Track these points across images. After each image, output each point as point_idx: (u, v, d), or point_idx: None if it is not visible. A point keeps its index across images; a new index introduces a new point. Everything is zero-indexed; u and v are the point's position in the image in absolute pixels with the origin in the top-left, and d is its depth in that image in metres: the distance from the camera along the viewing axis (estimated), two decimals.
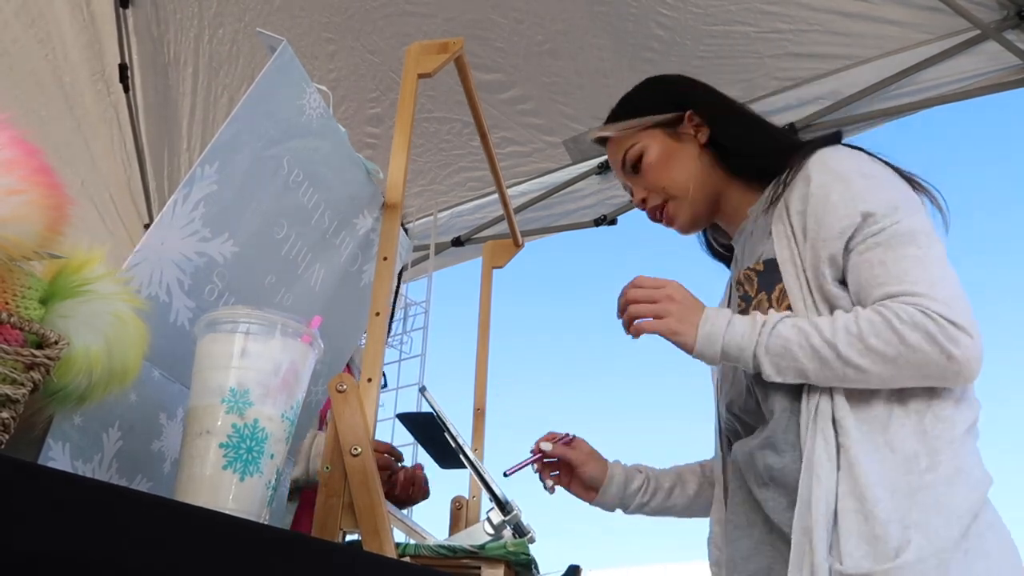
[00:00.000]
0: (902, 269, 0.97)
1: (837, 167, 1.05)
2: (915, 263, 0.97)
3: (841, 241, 1.01)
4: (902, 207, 1.01)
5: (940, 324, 0.93)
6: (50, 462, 0.71)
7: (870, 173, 1.05)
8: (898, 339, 0.93)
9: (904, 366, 0.94)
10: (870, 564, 0.89)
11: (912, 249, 0.98)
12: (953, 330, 0.92)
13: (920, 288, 0.95)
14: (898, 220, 0.99)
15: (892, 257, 0.98)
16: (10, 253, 0.59)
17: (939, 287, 0.95)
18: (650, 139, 1.23)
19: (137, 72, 2.74)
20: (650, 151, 1.23)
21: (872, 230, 1.00)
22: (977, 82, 2.08)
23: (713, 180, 1.21)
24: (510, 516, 1.04)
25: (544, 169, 2.75)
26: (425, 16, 2.35)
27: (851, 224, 1.01)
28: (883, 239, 0.99)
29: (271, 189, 0.97)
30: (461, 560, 0.92)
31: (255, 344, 0.75)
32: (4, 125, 0.62)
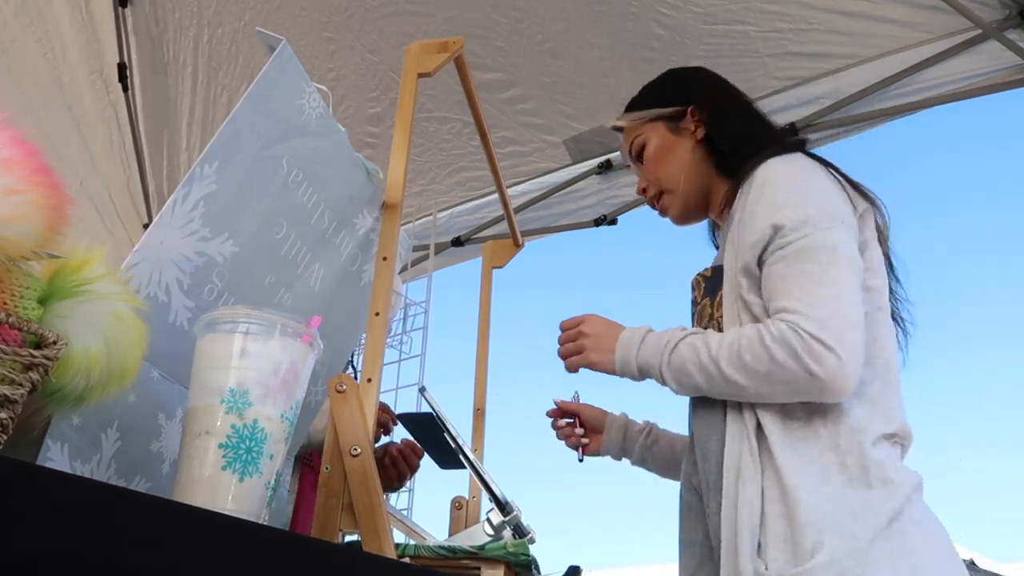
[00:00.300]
0: (796, 285, 0.99)
1: (771, 177, 1.08)
2: (809, 279, 0.99)
3: (754, 252, 1.05)
4: (814, 221, 1.02)
5: (805, 341, 0.95)
6: (49, 463, 0.71)
7: (798, 185, 1.06)
8: (768, 356, 0.97)
9: (775, 382, 0.98)
10: (789, 567, 0.91)
11: (809, 265, 1.00)
12: (819, 348, 0.95)
13: (802, 306, 0.98)
14: (805, 234, 1.01)
15: (790, 272, 1.01)
16: (9, 253, 0.59)
17: (818, 306, 0.97)
18: (653, 131, 1.27)
19: (136, 72, 2.74)
20: (651, 143, 1.27)
21: (779, 243, 1.02)
22: (977, 82, 2.08)
23: (704, 176, 1.24)
24: (510, 516, 1.04)
25: (544, 169, 2.74)
26: (425, 16, 2.35)
27: (763, 237, 1.04)
28: (787, 253, 1.02)
29: (271, 189, 0.97)
30: (461, 560, 0.92)
31: (255, 344, 0.75)
32: (3, 125, 0.62)
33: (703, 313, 1.14)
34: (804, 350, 0.95)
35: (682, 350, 1.04)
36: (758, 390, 0.99)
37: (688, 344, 1.05)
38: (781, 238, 1.02)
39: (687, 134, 1.25)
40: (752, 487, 0.97)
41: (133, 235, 2.92)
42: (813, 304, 0.97)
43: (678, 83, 1.32)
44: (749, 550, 0.94)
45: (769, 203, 1.05)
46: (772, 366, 0.97)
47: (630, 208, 2.75)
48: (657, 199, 1.28)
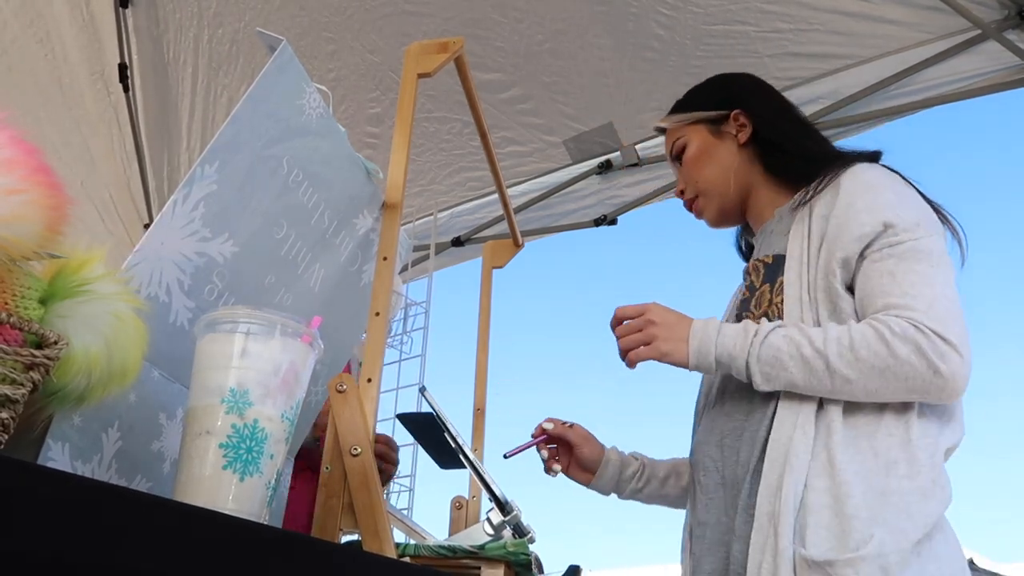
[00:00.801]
0: (908, 283, 0.99)
1: (869, 179, 1.08)
2: (922, 279, 0.99)
3: (859, 245, 1.04)
4: (924, 225, 1.04)
5: (931, 339, 0.95)
6: (49, 462, 0.71)
7: (900, 191, 1.08)
8: (888, 351, 0.96)
9: (891, 378, 0.97)
10: (834, 553, 0.92)
11: (923, 266, 1.00)
12: (943, 346, 0.95)
13: (919, 304, 0.97)
14: (917, 237, 1.02)
15: (902, 270, 1.00)
16: (9, 253, 0.59)
17: (938, 305, 0.97)
18: (694, 134, 1.29)
19: (137, 72, 2.74)
20: (691, 145, 1.28)
21: (890, 240, 1.02)
22: (977, 82, 2.08)
23: (746, 178, 1.25)
24: (510, 516, 1.04)
25: (544, 169, 2.74)
26: (425, 16, 2.35)
27: (872, 231, 1.03)
28: (898, 252, 1.01)
29: (271, 189, 0.97)
30: (461, 560, 0.92)
31: (255, 344, 0.75)
32: (3, 124, 0.62)
33: (761, 299, 1.13)
34: (930, 347, 0.95)
35: (775, 342, 1.01)
36: (867, 386, 0.98)
37: (783, 336, 1.01)
38: (892, 236, 1.02)
39: (729, 138, 1.27)
40: (799, 475, 0.97)
41: (133, 235, 2.93)
42: (933, 303, 0.97)
43: (723, 87, 1.34)
44: (790, 532, 0.94)
45: (876, 201, 1.05)
46: (891, 360, 0.95)
47: (630, 208, 2.75)
48: (693, 201, 1.30)
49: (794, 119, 1.29)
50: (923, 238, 1.02)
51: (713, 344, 1.05)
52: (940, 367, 0.94)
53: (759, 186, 1.24)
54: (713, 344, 1.05)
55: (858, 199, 1.06)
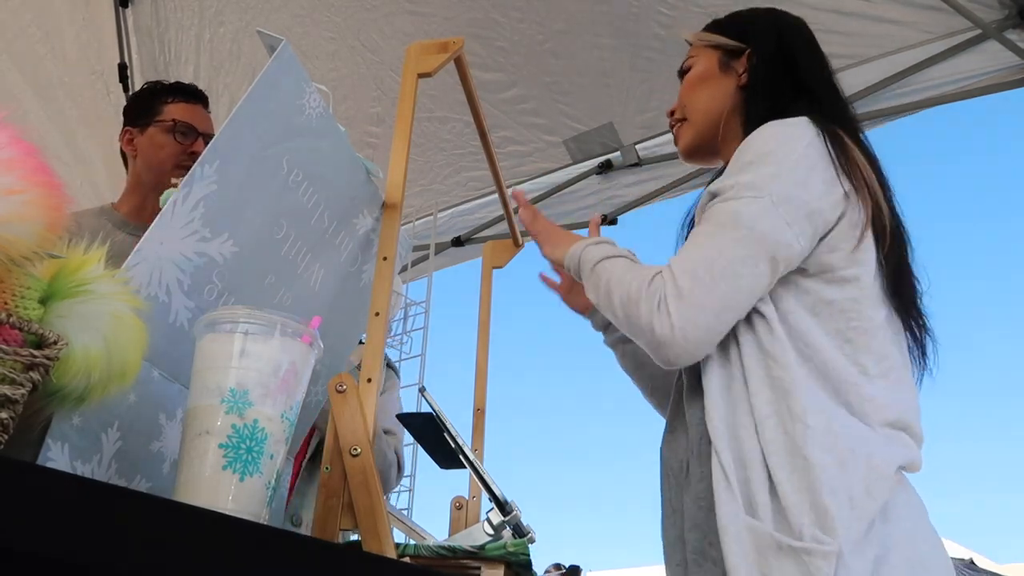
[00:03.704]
0: (690, 242, 1.01)
1: (747, 142, 1.05)
2: (697, 239, 1.00)
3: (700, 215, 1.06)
4: (740, 186, 1.00)
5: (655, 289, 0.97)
6: (49, 462, 0.71)
7: (759, 150, 1.02)
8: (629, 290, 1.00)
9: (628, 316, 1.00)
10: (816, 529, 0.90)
11: (709, 226, 1.00)
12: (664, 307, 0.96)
13: (675, 259, 0.99)
14: (727, 198, 1.00)
15: (695, 232, 1.02)
16: (9, 253, 0.59)
17: (686, 259, 0.98)
18: (704, 57, 1.24)
19: (137, 71, 2.74)
20: (696, 67, 1.24)
21: (707, 205, 1.03)
22: (977, 82, 2.08)
23: (728, 121, 1.19)
24: (510, 516, 1.04)
25: (544, 169, 2.75)
26: (425, 16, 2.35)
27: (702, 205, 1.05)
28: (705, 216, 1.02)
29: (271, 189, 0.97)
30: (461, 560, 0.92)
31: (255, 344, 0.75)
32: (3, 124, 0.62)
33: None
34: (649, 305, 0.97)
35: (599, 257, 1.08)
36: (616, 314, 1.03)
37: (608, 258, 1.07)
38: (711, 203, 1.02)
39: (733, 75, 1.20)
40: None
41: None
42: (682, 258, 0.98)
43: (758, 22, 1.25)
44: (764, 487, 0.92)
45: (732, 166, 1.04)
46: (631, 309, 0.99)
47: (630, 208, 2.75)
48: (679, 124, 1.25)
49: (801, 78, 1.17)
50: (731, 199, 0.99)
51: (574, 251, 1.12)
52: (653, 326, 0.96)
53: (736, 135, 1.16)
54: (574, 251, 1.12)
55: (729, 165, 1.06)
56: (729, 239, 0.97)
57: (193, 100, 1.68)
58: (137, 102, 1.74)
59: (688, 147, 1.23)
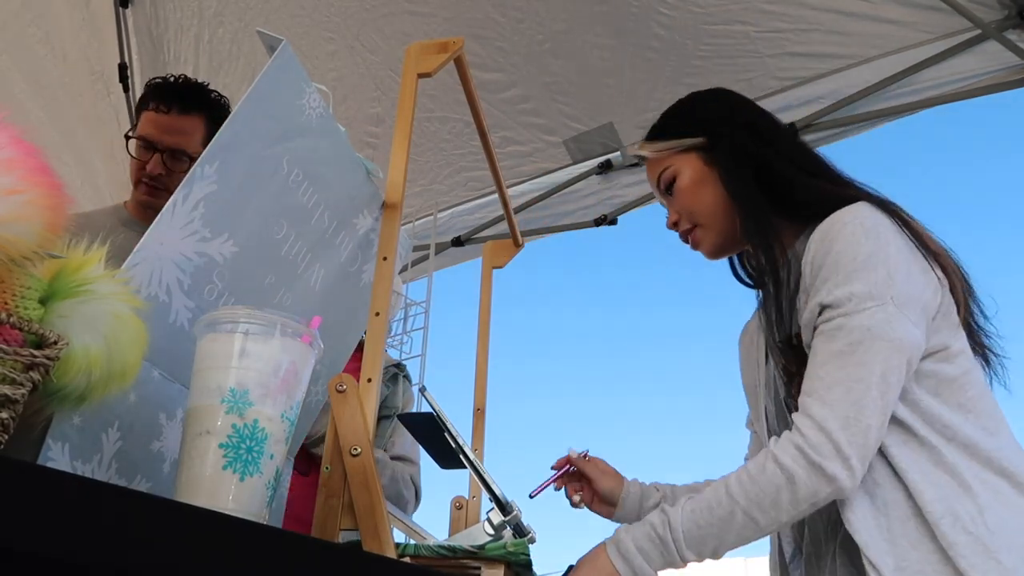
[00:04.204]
0: (818, 363, 0.98)
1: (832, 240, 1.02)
2: (830, 361, 0.97)
3: (810, 330, 1.02)
4: (858, 297, 0.98)
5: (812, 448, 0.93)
6: (49, 462, 0.71)
7: (858, 253, 1.00)
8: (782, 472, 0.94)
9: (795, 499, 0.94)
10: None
11: (839, 345, 0.97)
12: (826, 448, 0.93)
13: (817, 388, 0.96)
14: (846, 313, 0.98)
15: (821, 349, 0.99)
16: (9, 253, 0.59)
17: (833, 391, 0.95)
18: (684, 163, 1.20)
19: (137, 72, 2.74)
20: (683, 175, 1.19)
21: (824, 318, 1.00)
22: (977, 82, 2.08)
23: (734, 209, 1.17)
24: (510, 516, 1.04)
25: (544, 169, 2.74)
26: (425, 16, 2.35)
27: (813, 316, 1.01)
28: (827, 329, 0.99)
29: (271, 189, 0.97)
30: (461, 560, 0.92)
31: (255, 344, 0.75)
32: (4, 124, 0.62)
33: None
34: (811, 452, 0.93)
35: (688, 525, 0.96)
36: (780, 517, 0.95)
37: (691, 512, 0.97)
38: (826, 315, 0.99)
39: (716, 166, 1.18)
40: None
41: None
42: (829, 390, 0.95)
43: (706, 109, 1.24)
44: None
45: (826, 275, 1.00)
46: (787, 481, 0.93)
47: (630, 208, 2.75)
48: (689, 232, 1.21)
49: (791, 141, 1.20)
50: (852, 314, 0.97)
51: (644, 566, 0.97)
52: (827, 468, 0.92)
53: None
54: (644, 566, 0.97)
55: (818, 271, 1.01)
56: (870, 355, 0.96)
57: (165, 107, 1.61)
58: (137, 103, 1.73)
59: (713, 249, 1.21)
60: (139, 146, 1.61)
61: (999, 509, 0.95)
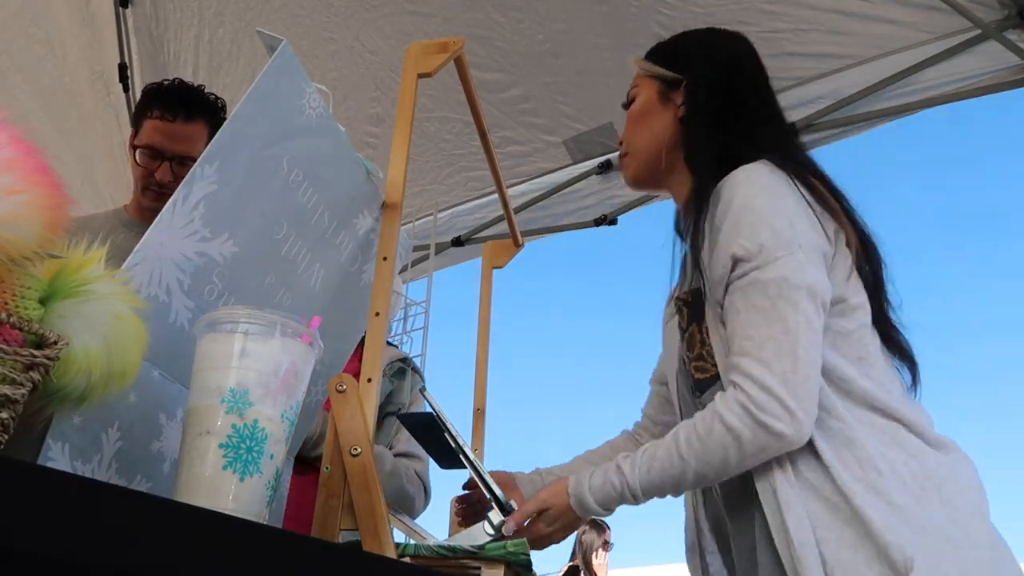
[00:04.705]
0: (748, 322, 0.99)
1: (733, 197, 1.04)
2: (758, 317, 0.99)
3: (722, 287, 1.03)
4: (768, 249, 1.00)
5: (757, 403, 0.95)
6: (49, 462, 0.71)
7: (758, 205, 1.03)
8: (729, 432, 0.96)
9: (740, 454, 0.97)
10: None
11: (760, 300, 0.99)
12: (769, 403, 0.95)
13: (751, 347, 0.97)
14: (758, 266, 0.99)
15: (744, 306, 1.00)
16: (9, 253, 0.59)
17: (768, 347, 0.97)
18: (646, 89, 1.22)
19: (137, 72, 2.74)
20: (638, 100, 1.23)
21: (737, 274, 1.01)
22: (977, 82, 2.08)
23: (669, 155, 1.18)
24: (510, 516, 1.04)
25: (544, 169, 2.75)
26: (425, 16, 2.35)
27: (724, 271, 1.02)
28: (742, 285, 1.01)
29: (271, 189, 0.97)
30: (461, 560, 0.92)
31: (255, 344, 0.75)
32: (4, 124, 0.62)
33: (692, 340, 1.11)
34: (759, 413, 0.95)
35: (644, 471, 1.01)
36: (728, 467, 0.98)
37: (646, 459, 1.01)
38: (739, 269, 1.01)
39: (672, 107, 1.18)
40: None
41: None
42: (762, 346, 0.97)
43: (699, 47, 1.24)
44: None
45: (729, 230, 1.02)
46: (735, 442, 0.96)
47: (630, 208, 2.75)
48: (623, 156, 1.25)
49: (744, 107, 1.17)
50: (763, 266, 0.99)
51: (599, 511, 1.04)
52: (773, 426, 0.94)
53: (680, 168, 1.18)
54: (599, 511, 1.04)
55: (722, 228, 1.03)
56: (791, 306, 0.98)
57: (171, 115, 1.60)
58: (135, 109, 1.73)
59: (630, 179, 1.25)
60: (145, 155, 1.61)
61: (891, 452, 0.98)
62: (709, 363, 1.08)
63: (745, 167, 1.07)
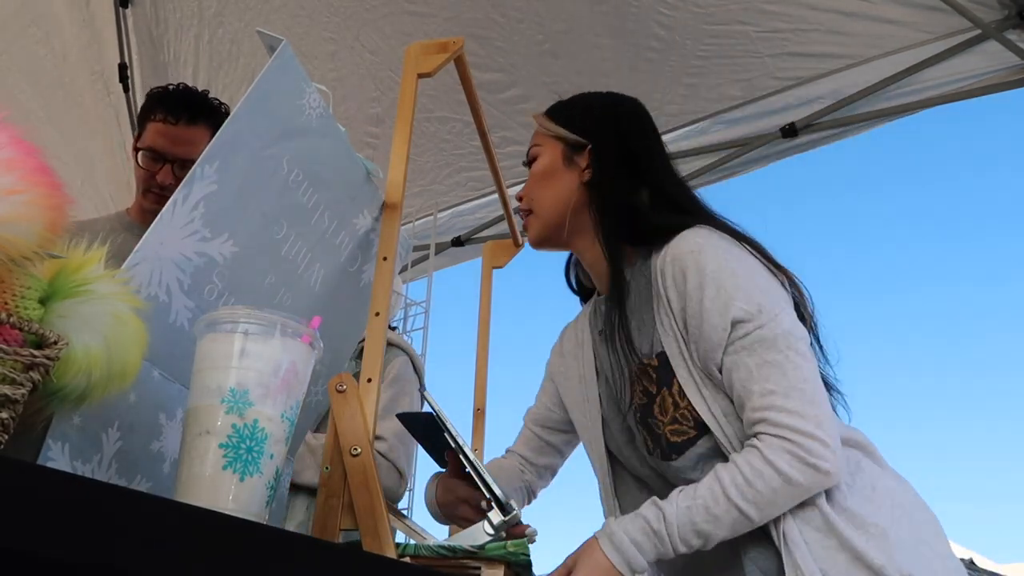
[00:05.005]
0: (763, 376, 1.01)
1: (707, 266, 1.05)
2: (774, 371, 1.01)
3: (720, 351, 1.05)
4: (765, 308, 1.03)
5: (801, 444, 0.98)
6: (49, 462, 0.71)
7: (735, 268, 1.06)
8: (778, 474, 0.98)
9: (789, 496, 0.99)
10: None
11: (771, 354, 1.02)
12: (812, 444, 0.98)
13: (777, 400, 1.00)
14: (761, 324, 1.02)
15: (755, 363, 1.02)
16: (9, 253, 0.59)
17: (794, 396, 1.00)
18: (550, 149, 1.22)
19: (137, 72, 2.74)
20: (541, 159, 1.22)
21: (739, 334, 1.03)
22: (977, 82, 2.08)
23: (576, 219, 1.19)
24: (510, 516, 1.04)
25: None
26: (425, 16, 2.35)
27: (724, 334, 1.04)
28: (747, 344, 1.03)
29: (271, 189, 0.97)
30: (461, 560, 0.92)
31: (255, 344, 0.75)
32: (4, 124, 0.62)
33: (664, 404, 1.10)
34: (805, 453, 0.97)
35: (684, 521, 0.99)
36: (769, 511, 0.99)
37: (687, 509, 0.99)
38: (740, 330, 1.03)
39: (576, 170, 1.19)
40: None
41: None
42: (788, 395, 1.00)
43: (598, 111, 1.24)
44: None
45: (719, 295, 1.04)
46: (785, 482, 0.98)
47: None
48: (526, 214, 1.24)
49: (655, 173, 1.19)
50: (765, 324, 1.03)
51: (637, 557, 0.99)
52: (822, 466, 0.97)
53: (585, 232, 1.19)
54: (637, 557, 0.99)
55: (705, 298, 1.04)
56: (799, 356, 1.02)
57: (173, 119, 1.61)
58: (139, 112, 1.73)
59: (535, 240, 1.24)
60: (147, 157, 1.62)
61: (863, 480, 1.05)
62: (686, 425, 1.08)
63: (689, 232, 1.09)
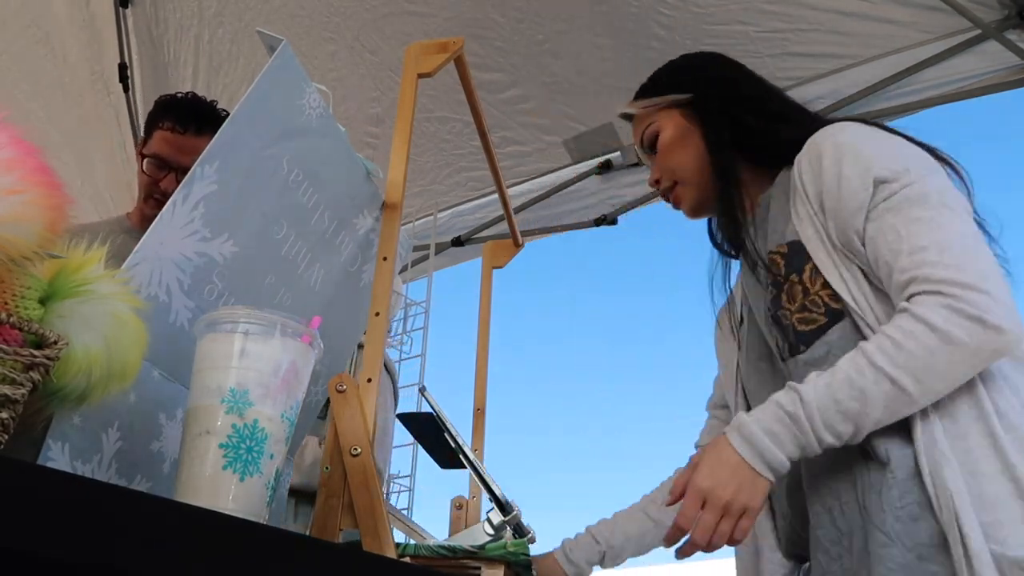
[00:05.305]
0: (914, 234, 0.92)
1: (845, 139, 1.02)
2: (926, 227, 0.92)
3: (862, 215, 0.98)
4: (912, 169, 0.97)
5: (960, 297, 0.86)
6: (49, 462, 0.71)
7: (879, 142, 1.02)
8: (934, 333, 0.86)
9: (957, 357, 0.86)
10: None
11: (921, 211, 0.93)
12: (975, 295, 0.86)
13: (931, 255, 0.89)
14: (908, 183, 0.96)
15: (902, 221, 0.94)
16: (9, 253, 0.59)
17: (950, 250, 0.90)
18: (667, 119, 1.21)
19: (137, 72, 2.74)
20: (665, 132, 1.21)
21: (884, 195, 0.97)
22: (977, 82, 2.08)
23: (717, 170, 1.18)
24: (510, 516, 1.04)
25: (544, 169, 2.74)
26: (425, 16, 2.35)
27: (866, 196, 0.97)
28: (894, 204, 0.96)
29: (271, 189, 0.97)
30: (461, 560, 0.92)
31: (255, 344, 0.75)
32: (4, 124, 0.62)
33: (793, 291, 1.03)
34: (967, 306, 0.85)
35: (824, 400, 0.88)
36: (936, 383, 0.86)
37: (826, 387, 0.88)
38: (885, 191, 0.96)
39: (698, 123, 1.19)
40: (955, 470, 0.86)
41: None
42: (944, 250, 0.89)
43: (691, 68, 1.26)
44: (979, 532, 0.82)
45: (859, 161, 0.98)
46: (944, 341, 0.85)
47: (630, 208, 2.75)
48: (671, 190, 1.22)
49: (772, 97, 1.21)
50: (914, 183, 0.96)
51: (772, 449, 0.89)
52: (989, 320, 0.84)
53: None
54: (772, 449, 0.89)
55: (843, 166, 0.99)
56: (955, 214, 0.94)
57: (181, 128, 1.62)
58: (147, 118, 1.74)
59: (693, 206, 1.22)
60: (152, 164, 1.63)
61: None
62: (816, 312, 1.00)
63: (833, 127, 1.06)
